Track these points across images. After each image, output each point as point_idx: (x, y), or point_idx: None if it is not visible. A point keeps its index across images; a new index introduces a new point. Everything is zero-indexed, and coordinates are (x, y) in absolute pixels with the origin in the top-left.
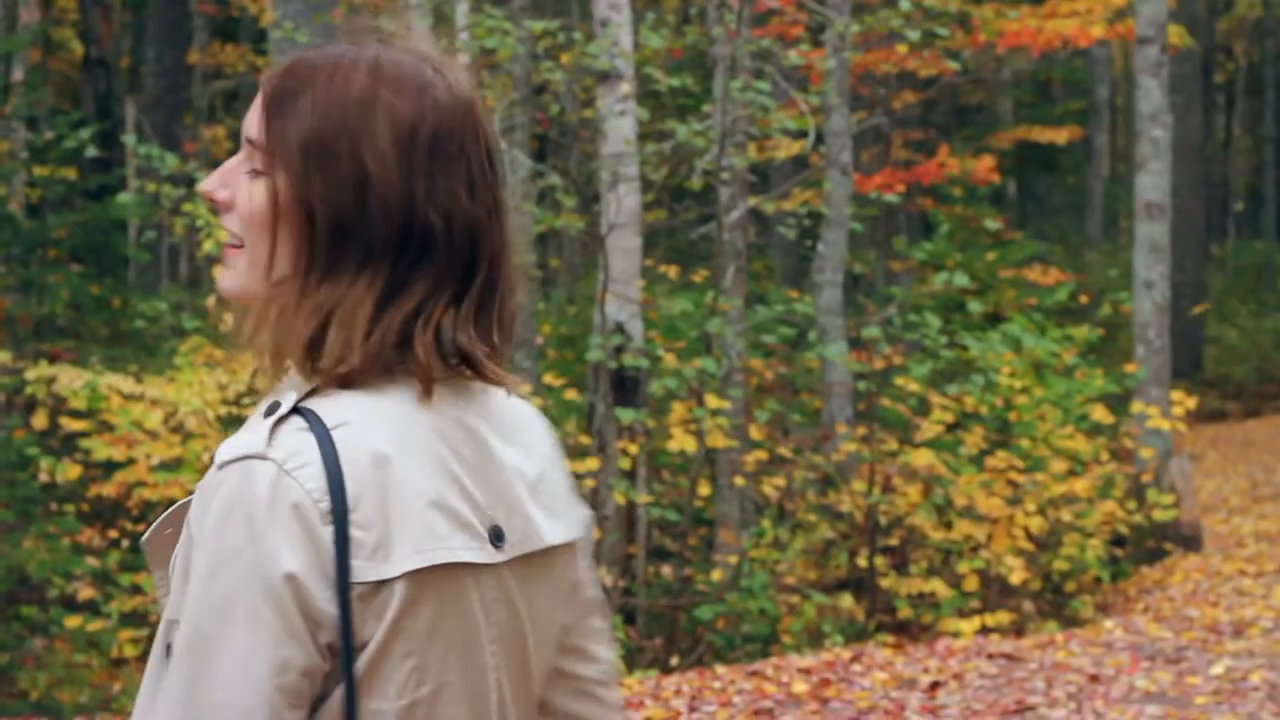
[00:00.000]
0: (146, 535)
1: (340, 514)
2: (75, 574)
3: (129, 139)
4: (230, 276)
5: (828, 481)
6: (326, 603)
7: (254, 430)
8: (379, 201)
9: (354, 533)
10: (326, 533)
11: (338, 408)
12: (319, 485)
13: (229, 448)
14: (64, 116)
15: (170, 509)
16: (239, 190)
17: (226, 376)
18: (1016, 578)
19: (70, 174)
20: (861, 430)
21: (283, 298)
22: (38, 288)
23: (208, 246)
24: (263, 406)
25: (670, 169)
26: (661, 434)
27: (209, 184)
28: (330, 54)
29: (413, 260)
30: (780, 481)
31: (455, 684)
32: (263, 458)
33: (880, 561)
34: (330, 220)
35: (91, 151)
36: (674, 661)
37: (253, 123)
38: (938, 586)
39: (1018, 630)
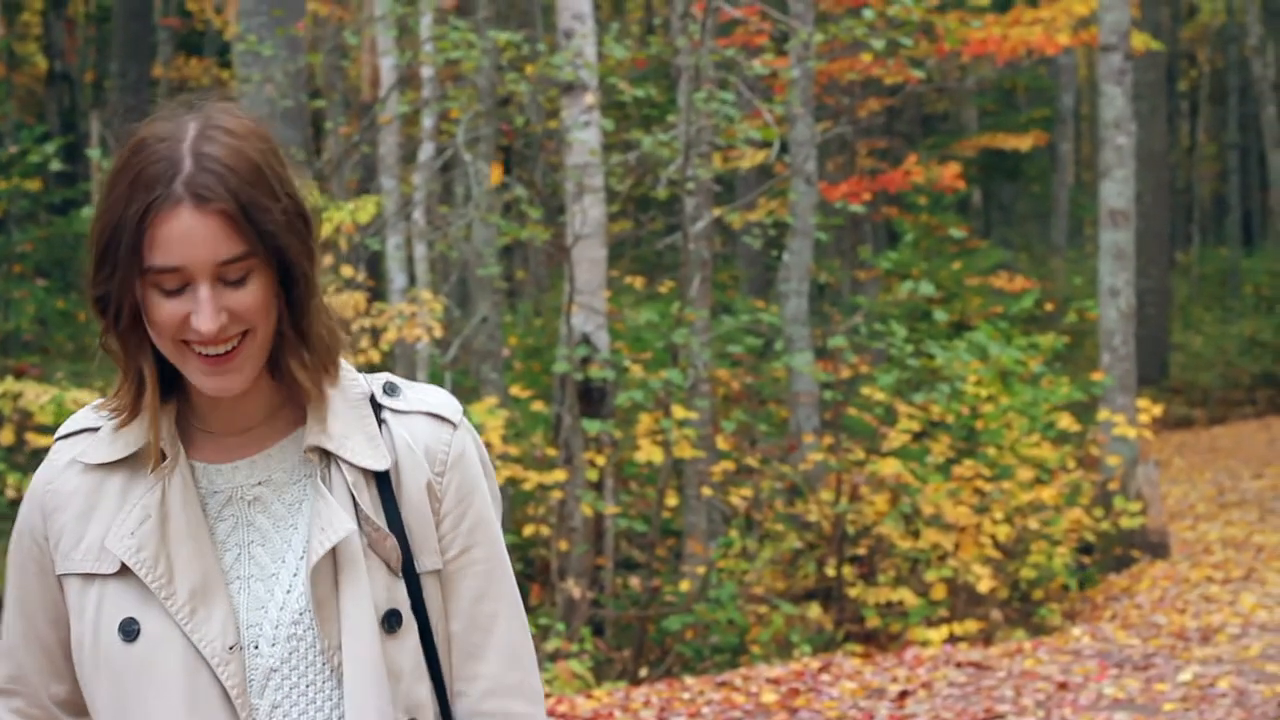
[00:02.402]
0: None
1: None
2: None
3: (93, 153)
4: (245, 372)
5: (795, 491)
6: None
7: (434, 392)
8: (307, 209)
9: None
10: None
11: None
12: None
13: (452, 408)
14: (28, 131)
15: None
16: (231, 301)
17: None
18: (984, 586)
19: (34, 188)
20: (828, 440)
21: (317, 302)
22: (2, 303)
23: None
24: (367, 384)
25: (635, 179)
26: (628, 445)
27: (215, 327)
28: (222, 142)
29: None
30: (747, 492)
31: None
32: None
33: (848, 571)
34: (307, 251)
35: (56, 166)
36: (642, 673)
37: (226, 243)
38: (905, 595)
39: (986, 638)
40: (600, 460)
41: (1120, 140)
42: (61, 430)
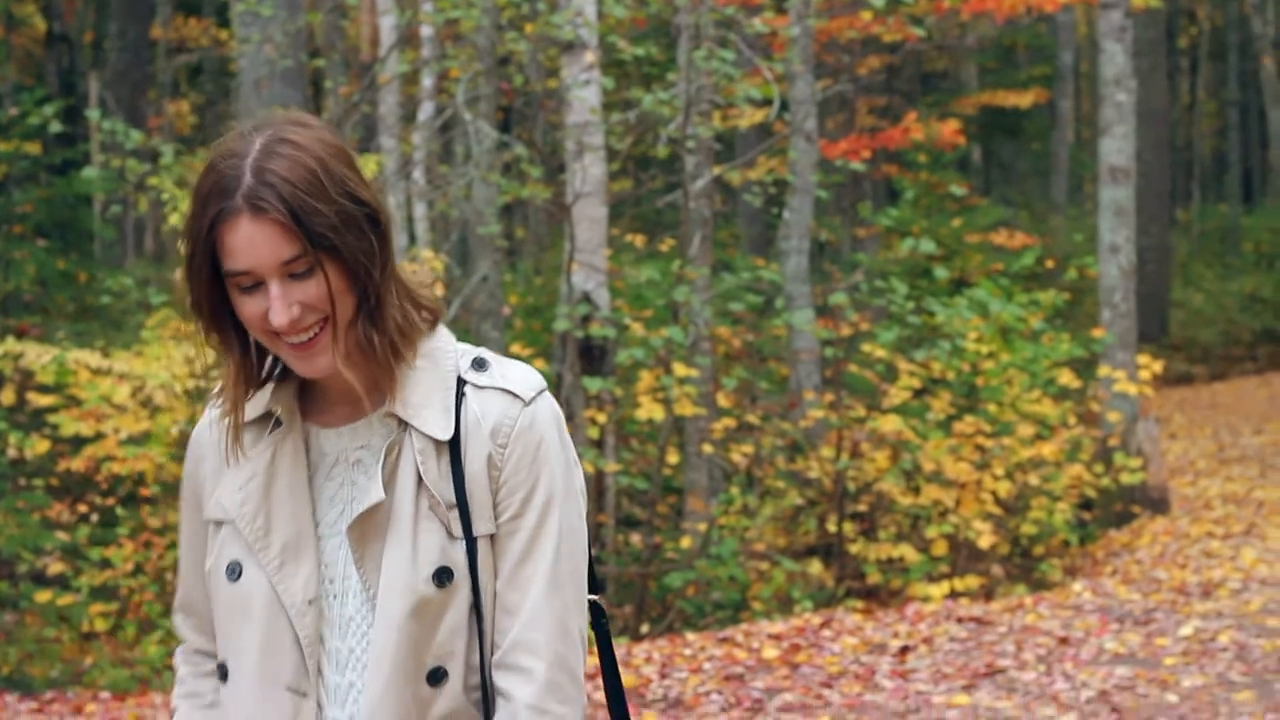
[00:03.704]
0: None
1: None
2: (45, 549)
3: (93, 114)
4: (327, 356)
5: (796, 448)
6: None
7: (517, 369)
8: (374, 208)
9: None
10: None
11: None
12: None
13: (527, 385)
14: (28, 92)
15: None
16: (301, 294)
17: (194, 350)
18: (985, 542)
19: (34, 149)
20: (829, 397)
21: (389, 286)
22: (3, 264)
23: (173, 220)
24: (459, 360)
25: (635, 138)
26: (629, 402)
27: (287, 320)
28: (284, 155)
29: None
30: (748, 449)
31: None
32: (546, 387)
33: (849, 527)
34: (368, 247)
35: (55, 127)
36: (644, 629)
37: (284, 246)
38: (906, 551)
39: (987, 594)
40: (601, 418)
41: (1120, 97)
42: (215, 389)
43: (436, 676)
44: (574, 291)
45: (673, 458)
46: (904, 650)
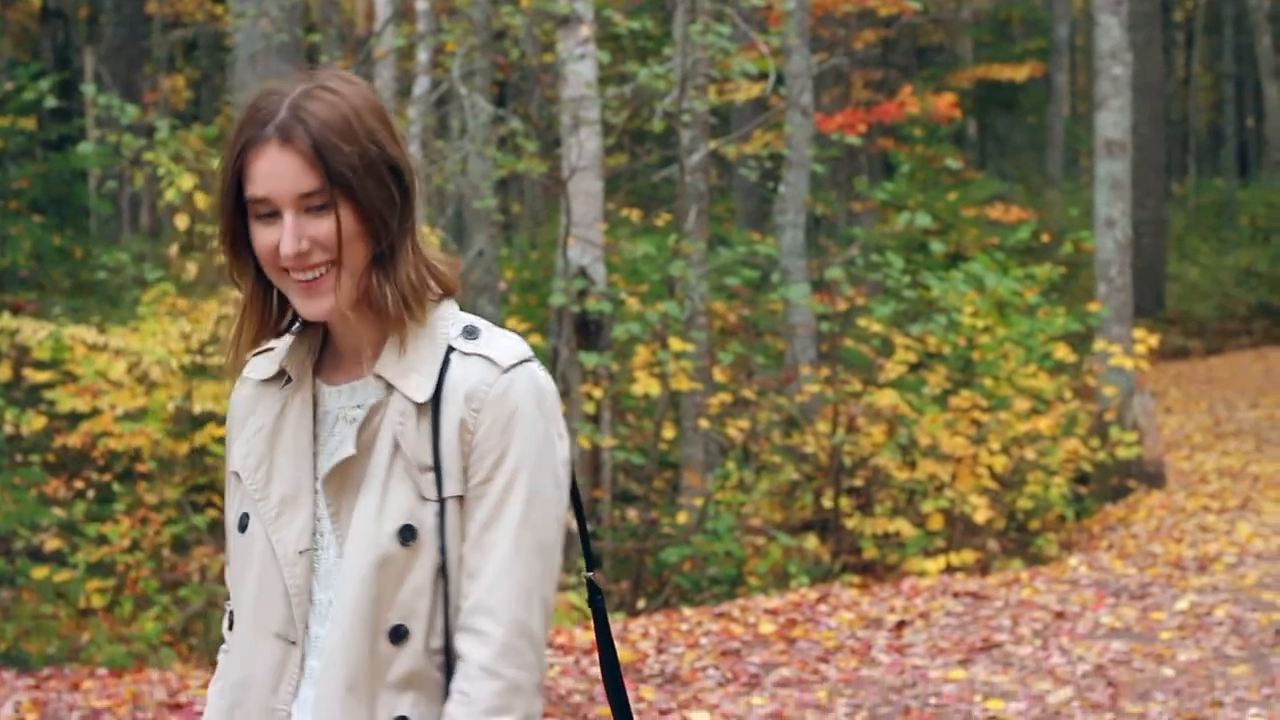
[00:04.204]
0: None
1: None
2: (41, 525)
3: (88, 89)
4: (330, 298)
5: (792, 423)
6: None
7: (503, 338)
8: (404, 170)
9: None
10: None
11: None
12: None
13: (508, 354)
14: (23, 67)
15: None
16: (313, 230)
17: (190, 326)
18: (981, 516)
19: (29, 125)
20: (825, 371)
21: (405, 248)
22: None
23: (169, 196)
24: (451, 328)
25: (631, 112)
26: (625, 377)
27: (294, 250)
28: (322, 97)
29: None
30: (744, 424)
31: None
32: (532, 359)
33: (845, 502)
34: (390, 200)
35: (51, 102)
36: (640, 604)
37: (304, 178)
38: (902, 526)
39: (983, 569)
40: (597, 393)
41: (1116, 70)
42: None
43: (398, 634)
44: (570, 266)
45: (669, 433)
46: (900, 625)
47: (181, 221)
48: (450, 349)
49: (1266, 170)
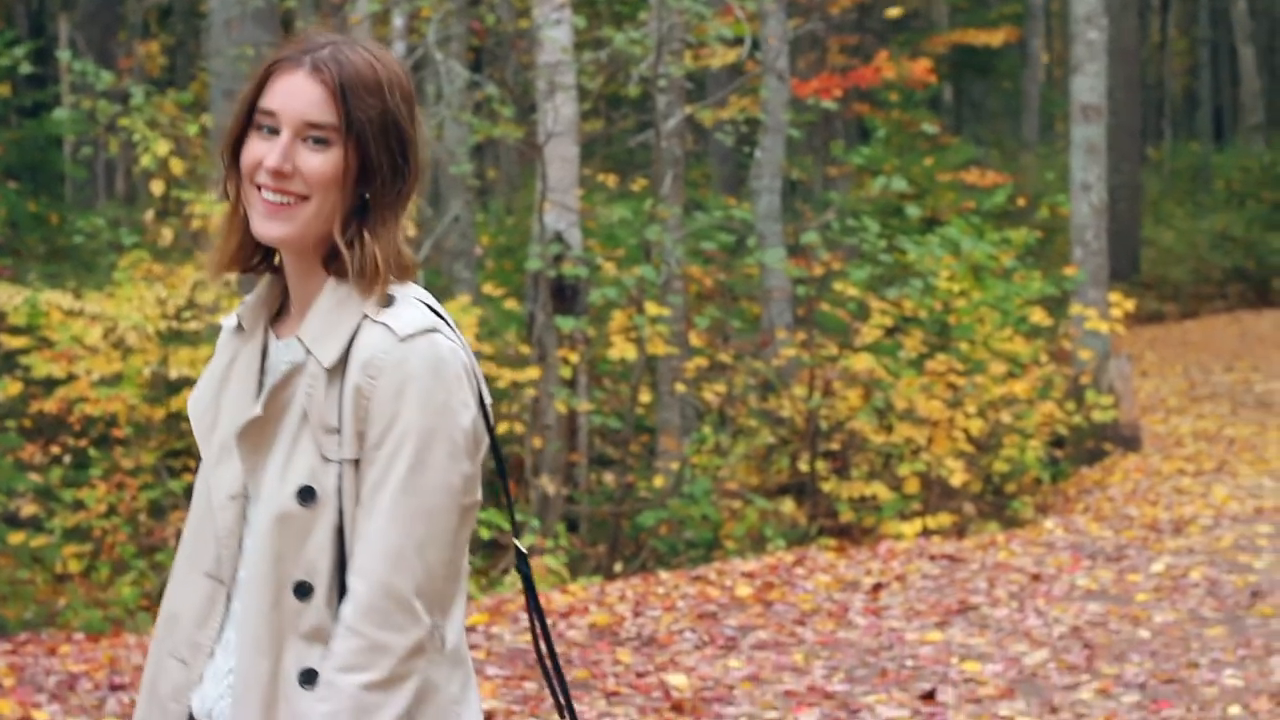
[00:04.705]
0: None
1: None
2: (17, 490)
3: (63, 55)
4: (286, 227)
5: (768, 387)
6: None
7: (410, 309)
8: (413, 153)
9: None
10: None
11: (423, 296)
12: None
13: (408, 324)
14: None
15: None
16: (303, 160)
17: (166, 291)
18: (957, 480)
19: (4, 91)
20: (801, 335)
21: (387, 228)
22: None
23: (145, 162)
24: (367, 302)
25: (607, 77)
26: (602, 342)
27: (276, 165)
28: (363, 54)
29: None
30: (721, 388)
31: None
32: (436, 330)
33: (821, 466)
34: (391, 172)
35: (25, 68)
36: (617, 568)
37: (317, 107)
38: (879, 490)
39: (959, 532)
40: (573, 357)
41: (1092, 35)
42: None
43: (302, 590)
44: (546, 231)
45: (645, 397)
46: (877, 588)
47: (157, 187)
48: (365, 316)
49: (1242, 135)
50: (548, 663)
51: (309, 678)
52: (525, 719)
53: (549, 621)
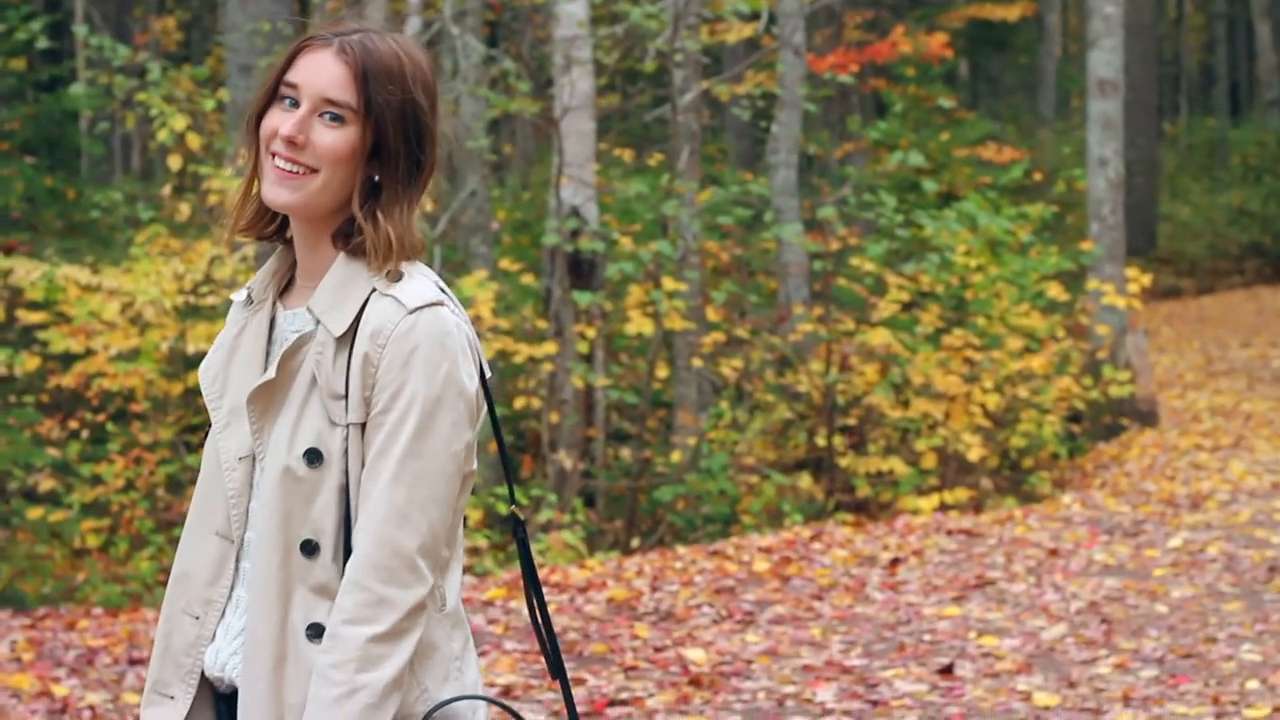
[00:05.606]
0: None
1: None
2: (36, 465)
3: (80, 29)
4: (293, 195)
5: (785, 362)
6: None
7: (418, 284)
8: (431, 145)
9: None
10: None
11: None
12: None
13: (415, 297)
14: (14, 9)
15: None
16: (317, 134)
17: (183, 266)
18: (974, 455)
19: (20, 66)
20: (818, 310)
21: (402, 211)
22: None
23: (161, 137)
24: (377, 277)
25: (623, 52)
26: (618, 317)
27: (290, 133)
28: (390, 44)
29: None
30: (738, 363)
31: None
32: (441, 303)
33: (839, 441)
34: (409, 161)
35: (42, 43)
36: (634, 543)
37: (338, 86)
38: (896, 465)
39: (976, 507)
40: (590, 332)
41: (1108, 9)
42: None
43: (309, 548)
44: (563, 206)
45: (662, 372)
46: (894, 563)
47: (174, 162)
48: (374, 290)
49: (1258, 110)
50: (539, 617)
51: (317, 631)
52: (543, 693)
53: (567, 597)
